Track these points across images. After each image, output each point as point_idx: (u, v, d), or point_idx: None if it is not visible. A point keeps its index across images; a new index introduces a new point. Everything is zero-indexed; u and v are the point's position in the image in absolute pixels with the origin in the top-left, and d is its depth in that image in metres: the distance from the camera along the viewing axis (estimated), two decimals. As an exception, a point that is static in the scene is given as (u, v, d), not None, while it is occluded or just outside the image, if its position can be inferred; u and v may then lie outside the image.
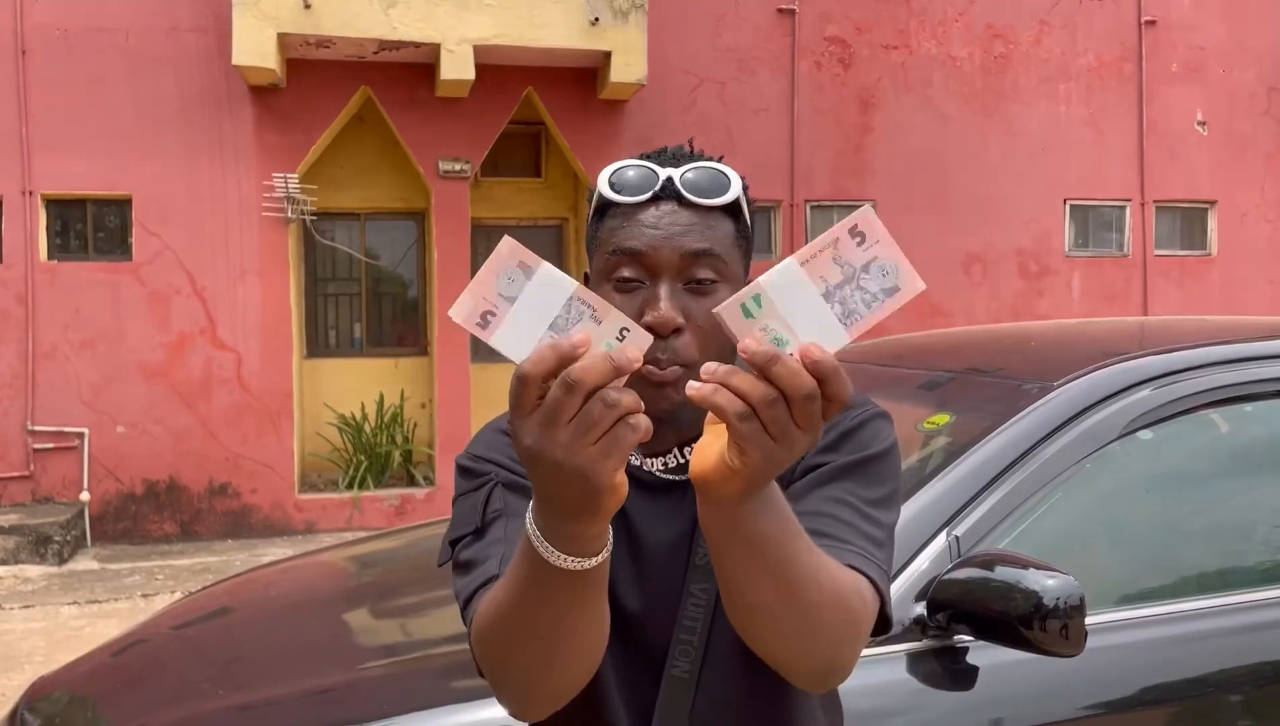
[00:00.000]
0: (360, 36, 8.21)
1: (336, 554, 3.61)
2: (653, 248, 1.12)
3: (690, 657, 1.21)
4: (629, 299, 1.13)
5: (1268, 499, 2.30)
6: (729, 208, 1.17)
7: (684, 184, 1.14)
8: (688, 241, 1.12)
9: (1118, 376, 2.13)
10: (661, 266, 1.12)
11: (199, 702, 2.23)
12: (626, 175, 1.16)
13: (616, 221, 1.15)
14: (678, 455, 1.23)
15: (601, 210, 1.19)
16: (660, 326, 1.09)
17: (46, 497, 8.58)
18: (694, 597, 1.21)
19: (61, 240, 8.76)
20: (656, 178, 1.15)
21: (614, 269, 1.14)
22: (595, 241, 1.19)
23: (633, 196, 1.14)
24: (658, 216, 1.13)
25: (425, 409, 9.81)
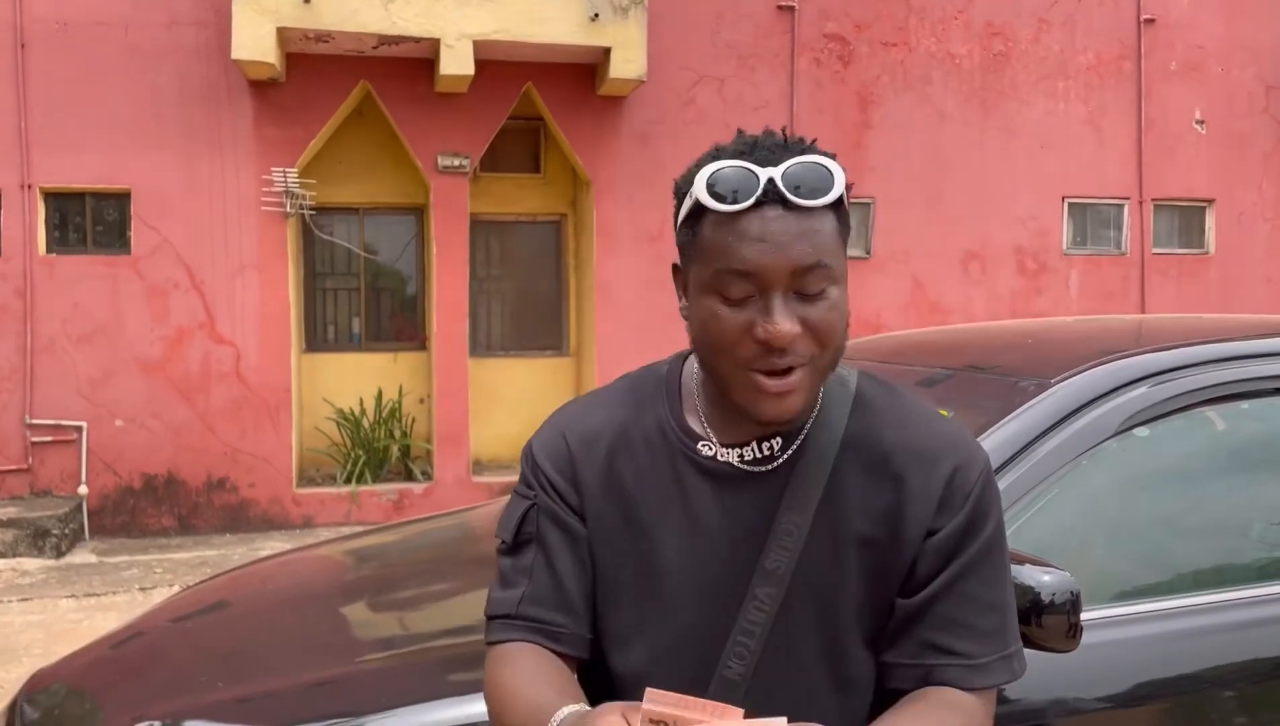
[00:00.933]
0: (360, 31, 8.21)
1: (335, 548, 3.62)
2: (763, 266, 1.09)
3: (745, 660, 1.20)
4: (739, 312, 1.11)
5: (1264, 496, 2.31)
6: (833, 203, 1.13)
7: (787, 186, 1.09)
8: (798, 256, 1.09)
9: (1114, 374, 2.13)
10: (773, 282, 1.09)
11: (197, 695, 2.24)
12: (726, 178, 1.11)
13: (719, 232, 1.11)
14: (755, 449, 1.22)
15: (698, 211, 1.14)
16: (776, 340, 1.09)
17: (45, 491, 8.58)
18: (758, 601, 1.20)
19: (60, 233, 8.76)
20: (757, 181, 1.10)
21: (721, 284, 1.11)
22: (696, 248, 1.15)
23: (735, 205, 1.10)
24: (763, 227, 1.09)
25: (424, 404, 9.81)
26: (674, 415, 1.26)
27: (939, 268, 10.22)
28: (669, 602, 1.21)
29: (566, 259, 10.28)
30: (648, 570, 1.22)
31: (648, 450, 1.25)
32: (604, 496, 1.25)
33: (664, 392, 1.28)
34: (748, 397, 1.13)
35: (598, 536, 1.24)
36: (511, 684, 1.18)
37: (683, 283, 1.21)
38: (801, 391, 1.12)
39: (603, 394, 1.33)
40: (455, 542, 3.35)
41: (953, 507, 1.19)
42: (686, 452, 1.23)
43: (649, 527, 1.23)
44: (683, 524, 1.22)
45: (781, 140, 1.16)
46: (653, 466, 1.24)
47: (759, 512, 1.20)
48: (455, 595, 2.85)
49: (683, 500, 1.22)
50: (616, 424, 1.27)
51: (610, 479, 1.24)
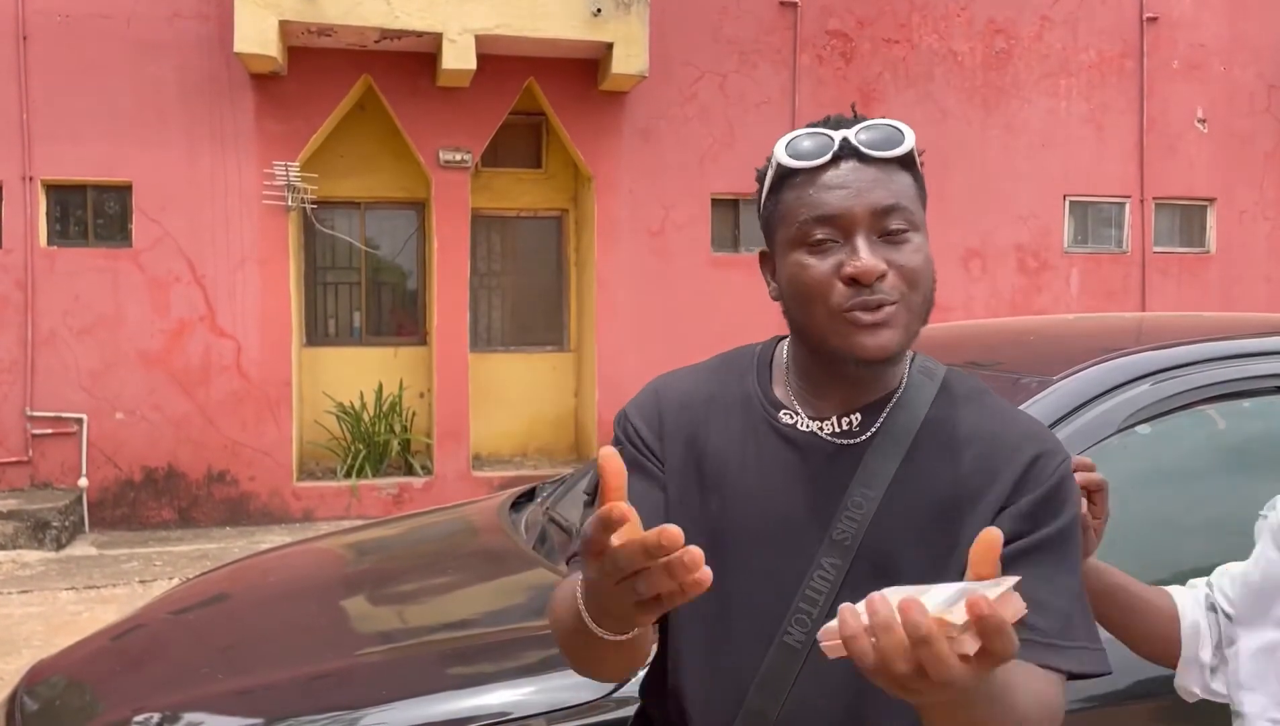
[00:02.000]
0: (362, 25, 8.20)
1: (334, 541, 3.62)
2: (845, 207, 1.15)
3: (806, 628, 1.21)
4: (825, 258, 1.17)
5: (1265, 494, 2.30)
6: (905, 160, 1.21)
7: (860, 141, 1.17)
8: (876, 197, 1.16)
9: (1116, 371, 2.13)
10: (856, 223, 1.16)
11: (197, 687, 2.24)
12: (802, 144, 1.19)
13: (800, 190, 1.18)
14: (836, 423, 1.25)
15: (778, 182, 1.21)
16: (864, 275, 1.14)
17: (45, 483, 8.59)
18: (823, 570, 1.22)
19: (61, 226, 8.75)
20: (832, 140, 1.18)
21: (807, 234, 1.17)
22: (778, 213, 1.21)
23: (813, 160, 1.17)
24: (842, 176, 1.16)
25: (424, 398, 9.82)
26: (762, 385, 1.31)
27: (940, 265, 10.04)
28: (737, 563, 1.23)
29: (567, 254, 10.28)
30: (720, 528, 1.25)
31: (733, 416, 1.29)
32: (686, 453, 1.28)
33: (754, 365, 1.34)
34: (845, 339, 1.16)
35: (674, 492, 1.28)
36: (553, 606, 1.22)
37: (771, 266, 1.27)
38: (896, 327, 1.16)
39: (700, 366, 1.39)
40: (455, 537, 3.35)
41: (1030, 488, 1.21)
42: (769, 420, 1.28)
43: (725, 488, 1.26)
44: (758, 488, 1.25)
45: (852, 114, 1.23)
46: (736, 431, 1.28)
47: (833, 484, 1.23)
48: (454, 589, 2.86)
49: (760, 465, 1.26)
50: (707, 391, 1.33)
51: (694, 439, 1.29)
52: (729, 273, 9.66)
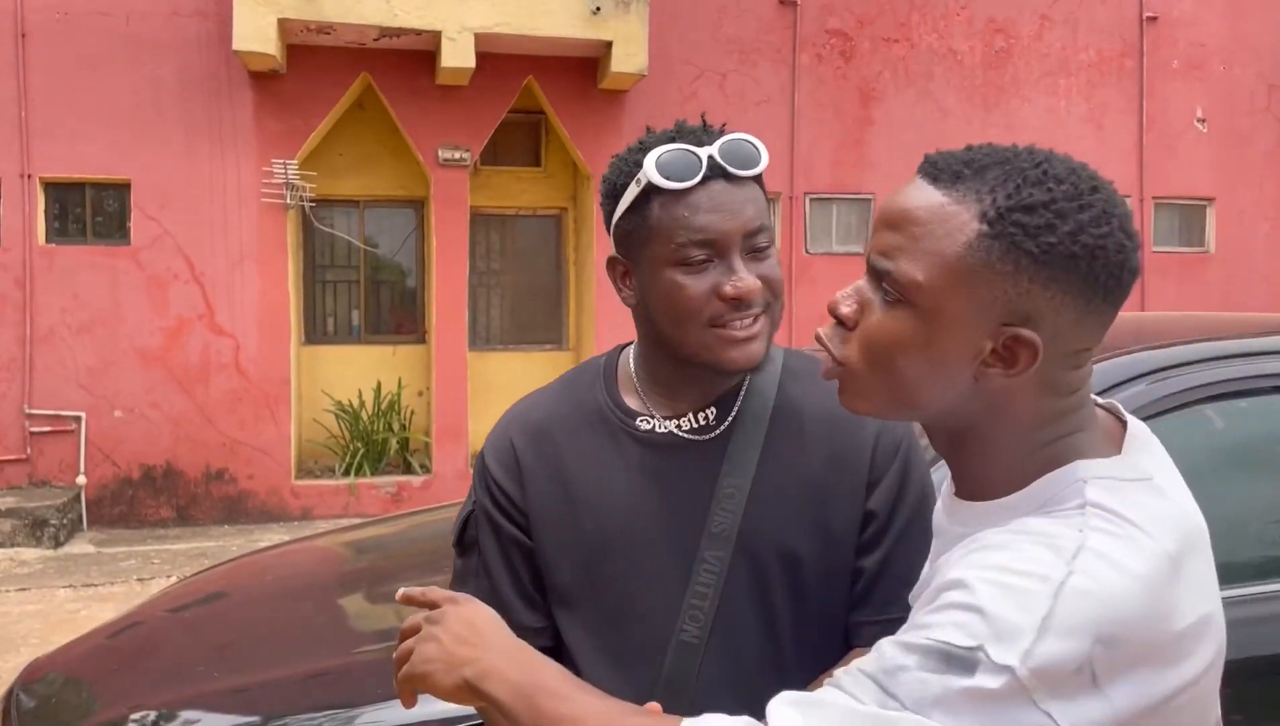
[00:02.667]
0: (361, 23, 8.19)
1: (332, 539, 3.62)
2: (722, 230, 1.20)
3: (700, 623, 1.24)
4: (702, 277, 1.20)
5: (1262, 494, 2.31)
6: (760, 175, 1.27)
7: (725, 160, 1.21)
8: (748, 219, 1.21)
9: (1113, 371, 2.13)
10: (731, 244, 1.20)
11: (194, 685, 2.24)
12: (670, 161, 1.21)
13: (671, 209, 1.21)
14: (693, 419, 1.29)
15: (645, 197, 1.23)
16: (748, 295, 1.19)
17: (43, 481, 8.58)
18: (707, 564, 1.25)
19: (60, 224, 8.75)
20: (700, 160, 1.21)
21: (684, 254, 1.20)
22: (647, 229, 1.23)
23: (686, 182, 1.20)
24: (714, 198, 1.20)
25: (423, 397, 9.81)
26: (612, 397, 1.35)
27: (939, 264, 10.22)
28: (623, 573, 1.26)
29: (566, 252, 10.28)
30: (599, 543, 1.28)
31: (590, 432, 1.33)
32: (550, 481, 1.31)
33: (601, 379, 1.37)
34: (716, 353, 1.21)
35: (546, 520, 1.31)
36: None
37: (623, 272, 1.30)
38: (764, 337, 1.23)
39: (545, 390, 1.43)
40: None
41: (885, 464, 1.30)
42: (627, 428, 1.31)
43: (597, 504, 1.29)
44: (630, 496, 1.28)
45: (702, 125, 1.27)
46: (596, 447, 1.32)
47: (702, 479, 1.27)
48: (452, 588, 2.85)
49: (627, 474, 1.29)
50: (559, 413, 1.36)
51: (556, 465, 1.32)
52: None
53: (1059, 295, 0.89)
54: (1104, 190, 0.93)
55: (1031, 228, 0.88)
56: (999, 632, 0.81)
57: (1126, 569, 0.84)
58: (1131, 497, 0.90)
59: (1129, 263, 0.91)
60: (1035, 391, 0.93)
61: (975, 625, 0.82)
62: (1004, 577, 0.84)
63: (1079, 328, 0.91)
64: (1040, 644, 0.80)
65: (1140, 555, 0.85)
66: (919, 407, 0.96)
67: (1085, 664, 0.81)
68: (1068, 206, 0.89)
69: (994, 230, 0.89)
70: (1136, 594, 0.83)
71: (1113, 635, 0.82)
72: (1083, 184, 0.92)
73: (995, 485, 0.96)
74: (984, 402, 0.94)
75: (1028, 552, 0.85)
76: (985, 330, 0.90)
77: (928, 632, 0.85)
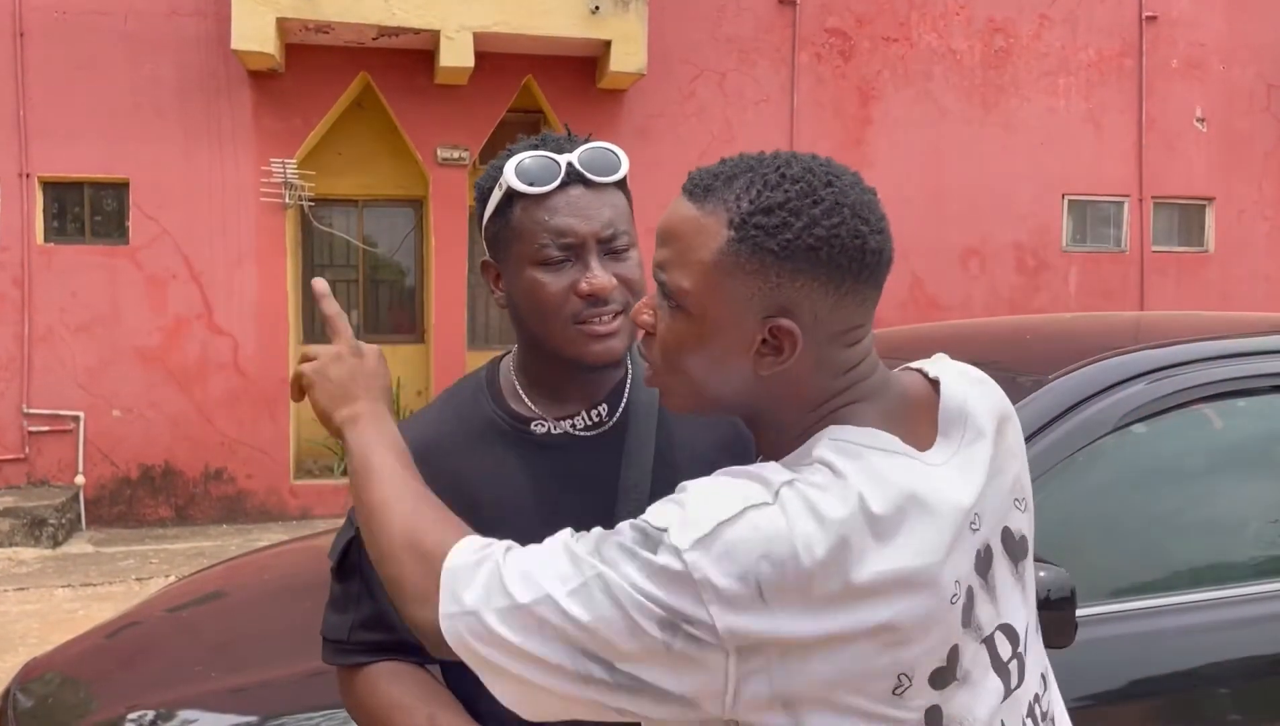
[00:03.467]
0: (360, 22, 8.19)
1: (329, 538, 3.61)
2: (577, 231, 1.25)
3: None
4: (561, 275, 1.26)
5: (1260, 493, 2.31)
6: (619, 182, 1.32)
7: (584, 166, 1.27)
8: (604, 220, 1.26)
9: (1112, 370, 2.13)
10: (588, 244, 1.25)
11: (191, 684, 2.24)
12: (531, 167, 1.27)
13: (531, 212, 1.26)
14: (585, 417, 1.34)
15: (507, 201, 1.28)
16: (602, 292, 1.24)
17: (42, 480, 8.58)
18: None
19: (58, 223, 8.75)
20: (559, 166, 1.27)
21: (543, 254, 1.25)
22: (510, 231, 1.28)
23: (544, 186, 1.25)
24: (571, 202, 1.26)
25: (421, 396, 9.81)
26: (500, 406, 1.37)
27: (938, 264, 10.21)
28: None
29: (565, 252, 10.27)
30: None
31: (484, 445, 1.35)
32: (449, 498, 1.28)
33: (485, 391, 1.40)
34: (578, 347, 1.27)
35: None
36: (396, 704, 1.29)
37: (495, 274, 1.36)
38: (623, 334, 1.28)
39: (425, 411, 1.45)
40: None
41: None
42: (521, 434, 1.34)
43: (504, 515, 1.28)
44: (536, 502, 1.30)
45: (566, 135, 1.33)
46: (492, 458, 1.34)
47: (603, 476, 1.31)
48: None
49: (531, 480, 1.32)
50: (447, 431, 1.37)
51: (455, 482, 1.31)
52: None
53: (807, 283, 0.99)
54: (838, 183, 1.02)
55: (770, 227, 0.98)
56: (684, 520, 0.94)
57: (820, 514, 0.93)
58: (860, 462, 0.98)
59: (868, 245, 1.01)
60: (811, 371, 1.03)
61: (672, 513, 0.96)
62: (713, 484, 0.97)
63: (839, 310, 1.01)
64: (710, 541, 0.92)
65: (838, 506, 0.94)
66: (714, 400, 1.07)
67: (750, 576, 0.91)
68: (801, 204, 0.99)
69: (739, 234, 0.99)
70: (817, 535, 0.92)
71: (783, 561, 0.91)
72: (817, 181, 1.01)
73: (784, 453, 1.06)
74: (767, 388, 1.04)
75: (744, 481, 0.97)
76: (751, 324, 1.00)
77: (645, 515, 0.98)
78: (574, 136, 1.32)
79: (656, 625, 0.92)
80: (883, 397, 1.07)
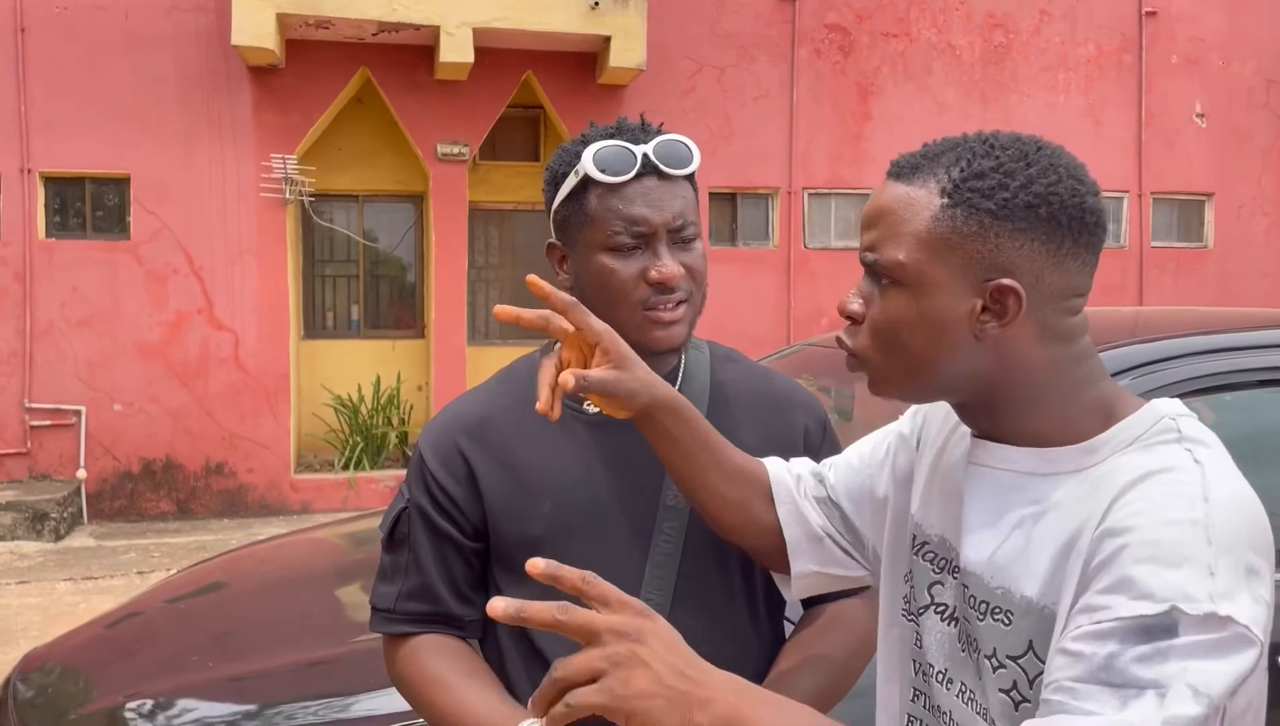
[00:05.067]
0: (360, 18, 8.20)
1: (330, 530, 3.64)
2: (649, 221, 1.29)
3: (663, 591, 1.32)
4: (630, 262, 1.30)
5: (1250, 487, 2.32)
6: (690, 174, 1.36)
7: (659, 158, 1.31)
8: (674, 211, 1.31)
9: (1098, 365, 2.15)
10: (658, 233, 1.30)
11: (190, 674, 2.27)
12: (608, 156, 1.30)
13: (605, 200, 1.30)
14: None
15: (582, 187, 1.33)
16: (670, 280, 1.29)
17: (43, 474, 8.61)
18: (666, 535, 1.34)
19: (60, 218, 8.77)
20: (635, 157, 1.30)
21: (615, 241, 1.30)
22: (583, 216, 1.33)
23: (621, 176, 1.29)
24: (645, 191, 1.30)
25: (421, 391, 9.84)
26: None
27: (937, 259, 10.23)
28: (584, 550, 1.32)
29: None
30: (559, 524, 1.34)
31: (536, 421, 1.37)
32: (502, 468, 1.36)
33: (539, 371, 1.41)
34: (644, 332, 1.32)
35: (503, 511, 1.35)
36: (435, 676, 1.32)
37: (560, 256, 1.41)
38: (686, 322, 1.33)
39: (480, 388, 1.49)
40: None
41: (817, 437, 1.47)
42: (574, 412, 1.38)
43: (552, 486, 1.34)
44: (583, 476, 1.35)
45: (640, 124, 1.36)
46: (544, 433, 1.37)
47: (652, 456, 1.33)
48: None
49: (579, 455, 1.36)
50: (503, 404, 1.42)
51: (506, 453, 1.37)
52: (726, 266, 9.67)
53: (1027, 243, 0.97)
54: (1048, 148, 1.02)
55: (985, 190, 0.98)
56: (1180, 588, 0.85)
57: (1240, 479, 0.93)
58: (1208, 433, 0.99)
59: (1086, 204, 0.99)
60: (1036, 338, 0.99)
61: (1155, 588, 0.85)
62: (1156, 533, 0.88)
63: (1060, 270, 0.98)
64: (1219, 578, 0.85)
65: (1237, 473, 0.95)
66: (935, 377, 1.03)
67: (1250, 566, 0.87)
68: (1014, 166, 0.99)
69: (953, 200, 0.99)
70: (1255, 499, 0.92)
71: (1253, 538, 0.89)
72: (1027, 146, 1.01)
73: (1053, 432, 1.01)
74: (991, 359, 1.00)
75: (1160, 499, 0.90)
76: (971, 288, 0.98)
77: (1110, 613, 0.86)
78: (648, 126, 1.36)
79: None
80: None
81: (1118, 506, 0.92)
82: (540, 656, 1.32)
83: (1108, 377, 1.04)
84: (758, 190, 10.09)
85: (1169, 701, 0.82)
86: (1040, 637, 0.97)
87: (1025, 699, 0.98)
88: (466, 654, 1.36)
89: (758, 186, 10.05)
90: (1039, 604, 0.97)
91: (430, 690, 1.32)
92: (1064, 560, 0.94)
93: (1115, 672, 0.84)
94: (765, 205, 10.19)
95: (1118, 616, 0.85)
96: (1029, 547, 0.99)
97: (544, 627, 0.84)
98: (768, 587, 1.41)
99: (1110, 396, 1.02)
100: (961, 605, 1.07)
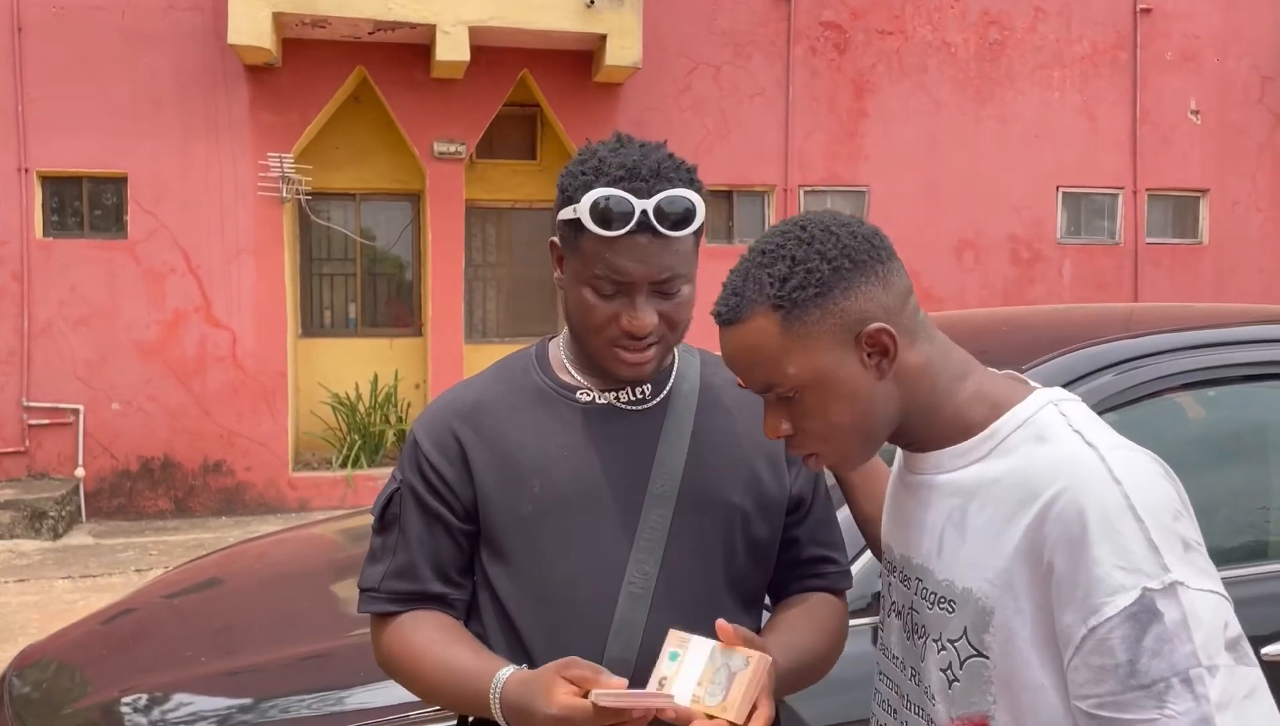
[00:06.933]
0: (356, 16, 8.22)
1: (326, 527, 3.66)
2: (631, 277, 1.31)
3: (646, 575, 1.36)
4: (609, 303, 1.33)
5: (1230, 482, 2.35)
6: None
7: (658, 218, 1.30)
8: (660, 269, 1.32)
9: (1081, 361, 2.17)
10: (638, 285, 1.32)
11: (186, 668, 2.29)
12: (606, 210, 1.30)
13: (599, 246, 1.31)
14: (630, 392, 1.43)
15: (579, 228, 1.33)
16: (639, 332, 1.32)
17: (42, 473, 8.63)
18: (651, 522, 1.37)
19: (57, 217, 8.78)
20: (633, 212, 1.30)
21: (598, 283, 1.33)
22: (576, 249, 1.35)
23: (612, 232, 1.30)
24: (635, 247, 1.30)
25: (419, 389, 9.85)
26: (548, 376, 1.46)
27: (933, 256, 10.24)
28: (571, 532, 1.37)
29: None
30: (548, 505, 1.37)
31: (530, 407, 1.43)
32: (494, 452, 1.40)
33: (534, 364, 1.48)
34: (610, 364, 1.37)
35: (494, 492, 1.39)
36: (420, 648, 1.36)
37: (559, 257, 1.41)
38: (654, 361, 1.37)
39: (476, 377, 1.53)
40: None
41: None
42: (568, 400, 1.43)
43: (543, 468, 1.38)
44: (574, 460, 1.39)
45: (656, 167, 1.33)
46: (537, 418, 1.42)
47: (642, 444, 1.40)
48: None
49: (570, 440, 1.40)
50: (496, 392, 1.46)
51: (498, 437, 1.41)
52: (722, 264, 9.59)
53: (856, 290, 1.14)
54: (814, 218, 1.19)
55: (799, 284, 1.13)
56: (1138, 569, 1.01)
57: (1130, 447, 1.10)
58: (1087, 411, 1.17)
59: (863, 232, 1.17)
60: (911, 347, 1.17)
61: (1120, 580, 1.01)
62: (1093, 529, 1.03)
63: (889, 289, 1.16)
64: (1162, 550, 1.01)
65: (1127, 443, 1.11)
66: (876, 428, 1.19)
67: (1184, 539, 1.04)
68: (802, 252, 1.14)
69: (786, 307, 1.13)
70: (1149, 459, 1.09)
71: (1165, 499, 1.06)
72: (798, 231, 1.16)
73: (954, 428, 1.19)
74: (898, 384, 1.18)
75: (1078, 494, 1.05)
76: (850, 349, 1.14)
77: (1099, 616, 1.01)
78: (664, 170, 1.33)
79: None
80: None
81: (1049, 516, 1.06)
82: (519, 637, 1.36)
83: (981, 367, 1.22)
84: (754, 187, 10.11)
85: (1193, 682, 0.98)
86: (973, 626, 1.13)
87: (956, 678, 1.16)
88: (451, 624, 1.39)
89: (754, 184, 10.07)
90: (976, 596, 1.12)
91: (415, 661, 1.35)
92: (1001, 556, 1.10)
93: (1140, 674, 0.99)
94: (761, 202, 10.21)
95: (1106, 618, 1.01)
96: (965, 543, 1.15)
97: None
98: (748, 581, 1.45)
99: (988, 385, 1.20)
100: (913, 598, 1.24)
